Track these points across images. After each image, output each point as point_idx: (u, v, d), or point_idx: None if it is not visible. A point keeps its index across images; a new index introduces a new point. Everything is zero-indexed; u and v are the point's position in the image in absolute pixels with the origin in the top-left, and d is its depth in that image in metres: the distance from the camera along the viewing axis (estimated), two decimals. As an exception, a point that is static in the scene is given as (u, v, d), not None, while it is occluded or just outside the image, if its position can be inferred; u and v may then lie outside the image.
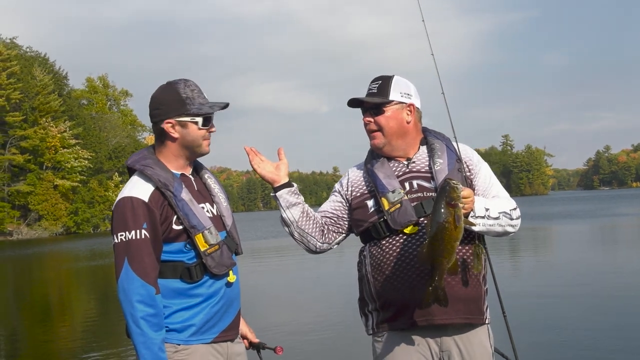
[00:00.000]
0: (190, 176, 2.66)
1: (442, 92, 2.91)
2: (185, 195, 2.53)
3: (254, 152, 2.84)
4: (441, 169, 2.69)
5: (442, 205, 2.32)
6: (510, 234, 2.73)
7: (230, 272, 2.58)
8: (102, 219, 67.26)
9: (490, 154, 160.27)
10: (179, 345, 2.50)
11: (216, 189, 2.72)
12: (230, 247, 2.62)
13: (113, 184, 67.80)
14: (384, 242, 2.67)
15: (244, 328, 2.86)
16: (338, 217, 2.86)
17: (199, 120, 2.53)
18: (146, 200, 2.47)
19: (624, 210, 43.06)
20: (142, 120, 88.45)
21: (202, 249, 2.50)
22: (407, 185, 2.70)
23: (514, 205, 2.72)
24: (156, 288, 2.43)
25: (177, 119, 2.53)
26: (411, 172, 2.74)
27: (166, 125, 2.54)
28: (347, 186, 2.87)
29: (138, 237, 2.43)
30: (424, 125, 2.89)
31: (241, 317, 2.83)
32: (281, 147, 2.82)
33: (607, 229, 28.95)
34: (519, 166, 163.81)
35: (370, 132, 2.78)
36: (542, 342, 7.45)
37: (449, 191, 2.32)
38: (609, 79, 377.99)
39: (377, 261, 2.68)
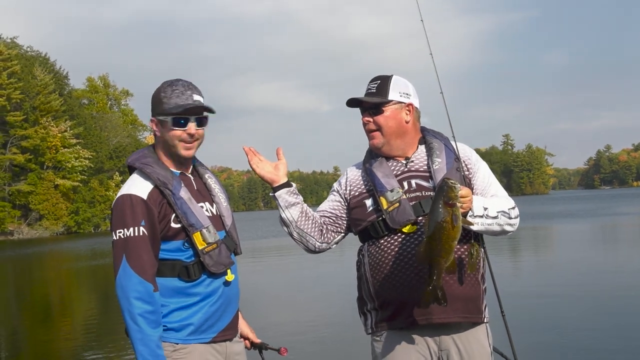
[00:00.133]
0: (190, 175, 2.68)
1: (441, 92, 2.92)
2: (184, 193, 2.54)
3: (253, 152, 2.83)
4: (440, 168, 2.69)
5: (440, 205, 2.32)
6: (509, 233, 2.74)
7: (229, 271, 2.59)
8: (102, 219, 67.26)
9: (490, 154, 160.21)
10: (177, 344, 2.50)
11: (216, 189, 2.73)
12: (229, 247, 2.63)
13: (114, 184, 67.77)
14: (383, 241, 2.67)
15: (245, 328, 2.85)
16: (337, 217, 2.86)
17: (169, 119, 2.54)
18: (145, 197, 2.49)
19: (625, 210, 43.02)
20: (143, 120, 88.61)
21: (200, 247, 2.50)
22: (405, 184, 2.70)
23: (512, 204, 2.72)
24: (154, 285, 2.43)
25: (157, 117, 2.58)
26: (410, 171, 2.74)
27: (151, 123, 2.62)
28: (345, 185, 2.87)
29: (136, 234, 2.44)
30: (423, 125, 2.90)
31: (242, 318, 2.84)
32: (280, 147, 2.82)
33: (608, 228, 28.92)
34: (519, 165, 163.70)
35: (369, 131, 2.78)
36: (542, 341, 7.45)
37: (447, 191, 2.32)
38: (610, 78, 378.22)
39: (376, 260, 2.68)
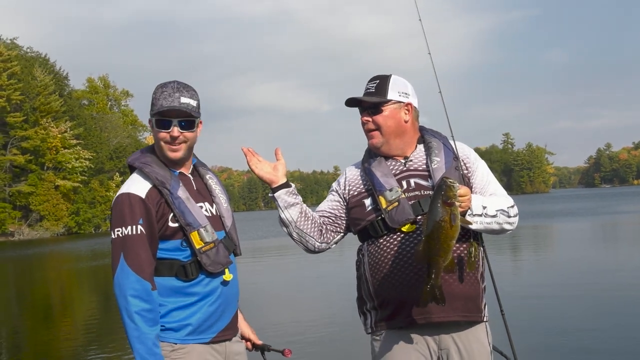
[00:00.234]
0: (190, 175, 2.68)
1: (439, 92, 2.92)
2: (182, 193, 2.55)
3: (251, 152, 2.83)
4: (438, 167, 2.69)
5: (439, 204, 2.32)
6: (508, 232, 2.74)
7: (226, 270, 2.59)
8: (103, 219, 67.23)
9: (491, 153, 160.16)
10: (176, 344, 2.51)
11: (217, 190, 2.73)
12: (228, 247, 2.64)
13: (114, 184, 67.73)
14: (382, 240, 2.67)
15: (247, 329, 2.85)
16: (336, 217, 2.86)
17: (153, 120, 2.58)
18: (143, 196, 2.50)
19: (626, 208, 43.00)
20: (143, 121, 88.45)
21: (197, 246, 2.51)
22: (404, 183, 2.70)
23: (511, 203, 2.72)
24: (152, 284, 2.44)
25: (149, 118, 2.62)
26: (408, 170, 2.74)
27: (148, 123, 2.65)
28: (344, 185, 2.87)
29: (134, 232, 2.45)
30: (422, 124, 2.90)
31: (244, 319, 2.84)
32: (278, 147, 2.81)
33: (608, 226, 28.91)
34: (520, 164, 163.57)
35: (368, 131, 2.78)
36: (542, 340, 7.44)
37: (446, 190, 2.32)
38: (610, 77, 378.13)
39: (375, 260, 2.68)
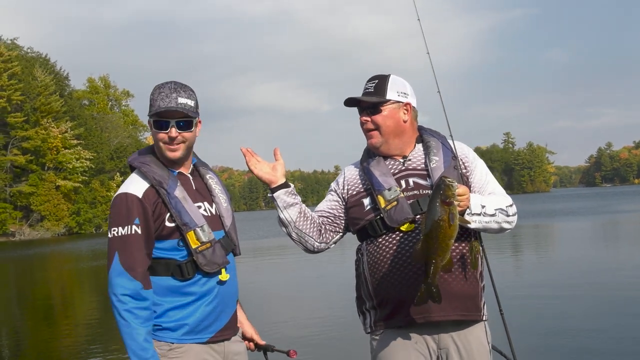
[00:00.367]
0: (189, 175, 2.69)
1: (438, 91, 2.92)
2: (179, 193, 2.56)
3: (250, 153, 2.83)
4: (437, 166, 2.70)
5: (437, 203, 2.32)
6: (507, 231, 2.74)
7: (223, 270, 2.59)
8: (104, 219, 67.13)
9: (491, 152, 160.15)
10: (173, 343, 2.52)
11: (217, 190, 2.74)
12: (227, 247, 2.64)
13: (115, 184, 67.68)
14: (381, 239, 2.68)
15: (250, 329, 2.85)
16: (335, 216, 2.86)
17: (151, 121, 2.59)
18: (140, 196, 2.52)
19: (626, 207, 42.96)
20: (144, 121, 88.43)
21: (193, 246, 2.52)
22: (403, 183, 2.71)
23: (510, 202, 2.73)
24: (144, 283, 2.45)
25: (148, 119, 2.62)
26: (407, 169, 2.75)
27: (148, 124, 2.66)
28: (343, 185, 2.87)
29: (129, 232, 2.47)
30: (422, 124, 2.91)
31: (247, 319, 2.85)
32: (277, 147, 2.81)
33: (609, 226, 28.89)
34: (520, 164, 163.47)
35: (367, 131, 2.79)
36: (541, 339, 7.44)
37: (444, 189, 2.32)
38: (610, 76, 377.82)
39: (374, 259, 2.68)
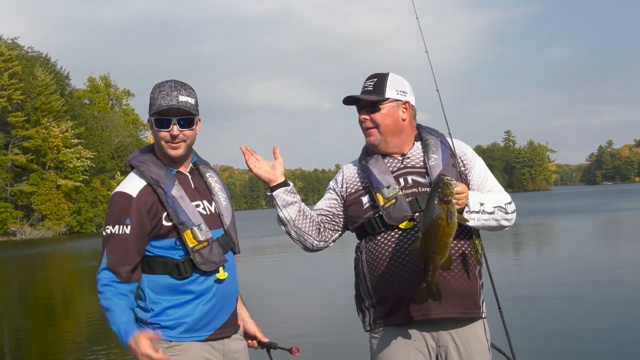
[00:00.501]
0: (188, 174, 2.69)
1: (437, 89, 2.92)
2: (176, 192, 2.57)
3: (250, 151, 2.83)
4: (436, 164, 2.70)
5: (435, 202, 2.32)
6: (506, 228, 2.74)
7: (221, 269, 2.60)
8: (104, 219, 67.16)
9: (492, 150, 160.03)
10: (171, 342, 2.52)
11: (217, 188, 2.74)
12: (225, 246, 2.65)
13: (116, 183, 67.05)
14: (380, 237, 2.68)
15: (253, 327, 2.86)
16: (334, 215, 2.87)
17: (152, 120, 2.59)
18: (134, 195, 2.53)
19: (627, 205, 42.92)
20: (144, 120, 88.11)
21: (190, 245, 2.53)
22: (401, 180, 2.71)
23: (508, 199, 2.73)
24: (128, 281, 2.49)
25: (148, 118, 2.63)
26: (406, 167, 2.75)
27: (148, 123, 2.66)
28: (341, 183, 2.88)
29: (119, 232, 2.51)
30: (423, 122, 2.91)
31: (250, 317, 2.86)
32: (276, 145, 2.82)
33: (610, 224, 28.88)
34: (521, 162, 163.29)
35: (365, 129, 2.79)
36: (540, 337, 7.44)
37: (443, 187, 2.32)
38: (611, 73, 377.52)
39: (373, 257, 2.69)
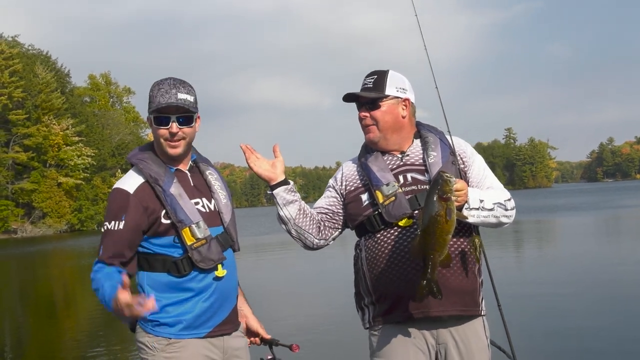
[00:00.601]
0: (187, 172, 2.69)
1: (436, 87, 2.92)
2: (175, 190, 2.57)
3: (250, 149, 2.82)
4: (435, 161, 2.70)
5: (435, 199, 2.32)
6: (505, 225, 2.74)
7: (219, 266, 2.60)
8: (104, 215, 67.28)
9: (493, 148, 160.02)
10: (171, 339, 2.53)
11: (217, 186, 2.74)
12: (224, 243, 2.65)
13: (116, 181, 67.67)
14: (379, 235, 2.68)
15: (255, 324, 2.87)
16: (334, 213, 2.87)
17: (152, 118, 2.60)
18: (131, 192, 2.54)
19: (628, 202, 42.88)
20: (145, 117, 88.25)
21: (188, 243, 2.53)
22: (401, 178, 2.71)
23: (508, 196, 2.73)
24: (117, 267, 2.49)
25: (148, 115, 2.63)
26: (405, 165, 2.75)
27: (147, 121, 2.66)
28: (341, 181, 2.87)
29: (115, 228, 2.51)
30: (422, 119, 2.91)
31: (252, 314, 2.87)
32: (276, 144, 2.81)
33: (611, 221, 28.88)
34: (522, 159, 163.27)
35: (365, 126, 2.79)
36: (540, 335, 7.43)
37: (442, 184, 2.32)
38: (613, 71, 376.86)
39: (372, 254, 2.69)
